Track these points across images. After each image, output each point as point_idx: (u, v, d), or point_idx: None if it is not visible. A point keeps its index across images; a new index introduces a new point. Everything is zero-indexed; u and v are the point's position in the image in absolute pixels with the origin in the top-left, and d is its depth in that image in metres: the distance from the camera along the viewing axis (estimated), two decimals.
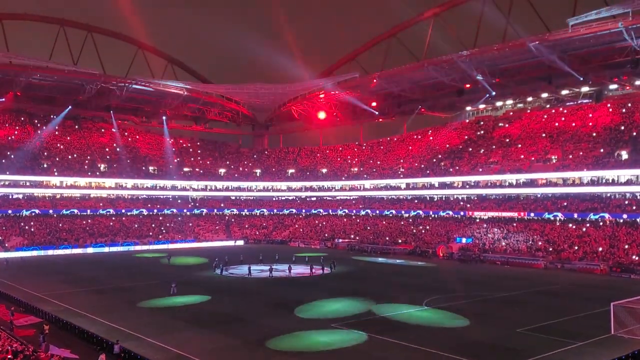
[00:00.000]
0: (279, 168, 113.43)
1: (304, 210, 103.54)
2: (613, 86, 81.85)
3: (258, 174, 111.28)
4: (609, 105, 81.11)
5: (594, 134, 76.55)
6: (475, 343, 27.04)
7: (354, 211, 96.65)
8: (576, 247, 60.77)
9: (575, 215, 67.80)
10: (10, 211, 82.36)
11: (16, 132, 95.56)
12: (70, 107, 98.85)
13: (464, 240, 71.80)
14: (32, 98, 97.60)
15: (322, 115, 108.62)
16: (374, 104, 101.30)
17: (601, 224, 64.68)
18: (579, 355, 25.01)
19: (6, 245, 73.06)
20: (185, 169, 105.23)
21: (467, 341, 27.37)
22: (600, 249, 58.72)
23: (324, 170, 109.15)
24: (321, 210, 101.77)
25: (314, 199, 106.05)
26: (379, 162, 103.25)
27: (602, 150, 72.08)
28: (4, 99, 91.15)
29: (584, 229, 64.48)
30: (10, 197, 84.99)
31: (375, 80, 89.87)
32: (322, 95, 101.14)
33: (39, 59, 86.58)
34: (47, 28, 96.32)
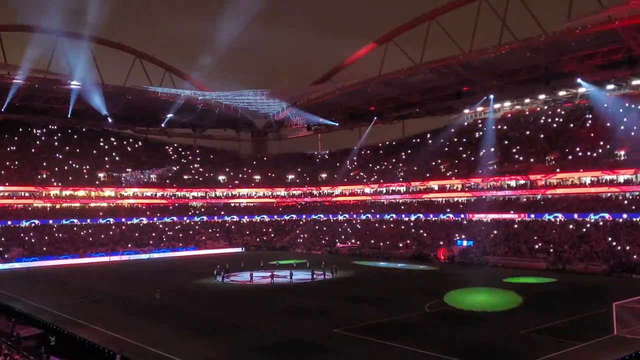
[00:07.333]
0: (279, 174, 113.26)
1: (304, 216, 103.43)
2: (610, 86, 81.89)
3: (257, 181, 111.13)
4: (606, 104, 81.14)
5: (592, 135, 76.55)
6: (477, 345, 26.97)
7: (355, 215, 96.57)
8: (577, 248, 60.73)
9: (576, 216, 67.93)
10: (9, 222, 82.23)
11: (14, 143, 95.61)
12: (68, 116, 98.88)
13: (464, 242, 71.65)
14: (30, 109, 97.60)
15: (321, 120, 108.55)
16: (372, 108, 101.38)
17: (601, 224, 64.70)
18: (582, 356, 24.96)
19: (6, 256, 72.74)
20: (185, 177, 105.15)
21: (469, 343, 27.30)
22: (601, 249, 58.68)
23: (324, 175, 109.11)
24: (322, 216, 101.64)
25: (315, 204, 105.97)
26: (378, 167, 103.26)
27: (600, 150, 72.11)
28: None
29: (584, 230, 64.50)
30: (10, 208, 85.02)
31: (373, 85, 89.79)
32: (321, 101, 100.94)
33: (35, 70, 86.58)
34: (44, 39, 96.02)
